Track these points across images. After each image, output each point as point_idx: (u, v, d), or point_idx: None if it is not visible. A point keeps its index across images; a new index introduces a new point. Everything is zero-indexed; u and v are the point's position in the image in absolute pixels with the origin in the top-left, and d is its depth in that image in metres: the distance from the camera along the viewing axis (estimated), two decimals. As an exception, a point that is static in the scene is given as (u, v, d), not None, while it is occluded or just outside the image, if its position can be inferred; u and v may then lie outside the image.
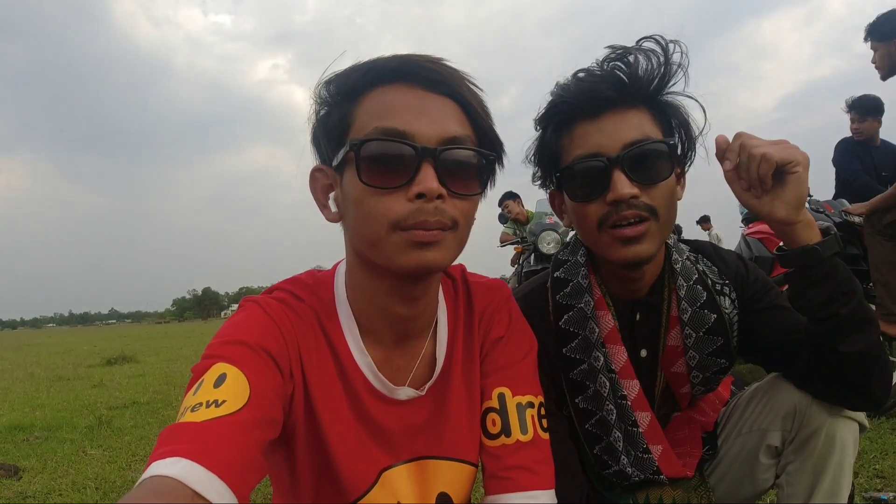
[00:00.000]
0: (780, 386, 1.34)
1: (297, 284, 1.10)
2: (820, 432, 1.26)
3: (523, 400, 1.14)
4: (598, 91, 1.21)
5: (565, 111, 1.25)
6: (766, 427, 1.35)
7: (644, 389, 1.38)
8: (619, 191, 1.17)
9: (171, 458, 0.72)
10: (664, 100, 1.26)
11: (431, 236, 0.93)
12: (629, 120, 1.21)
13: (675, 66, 1.22)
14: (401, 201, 0.92)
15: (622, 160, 1.18)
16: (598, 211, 1.23)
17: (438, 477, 1.12)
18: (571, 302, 1.38)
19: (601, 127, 1.21)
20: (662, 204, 1.21)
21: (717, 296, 1.35)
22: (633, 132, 1.20)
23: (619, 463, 1.37)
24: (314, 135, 1.06)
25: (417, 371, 1.13)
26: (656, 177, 1.20)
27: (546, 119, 1.31)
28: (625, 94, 1.21)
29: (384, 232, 0.93)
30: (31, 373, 10.44)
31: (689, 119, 1.29)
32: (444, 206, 0.94)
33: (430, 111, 0.95)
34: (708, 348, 1.34)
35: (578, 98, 1.23)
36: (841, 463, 1.27)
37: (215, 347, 0.92)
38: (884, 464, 2.72)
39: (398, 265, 0.95)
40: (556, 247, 6.00)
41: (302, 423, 1.02)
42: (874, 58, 3.72)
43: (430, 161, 0.93)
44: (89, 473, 3.58)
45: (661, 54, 1.21)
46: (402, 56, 0.98)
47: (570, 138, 1.26)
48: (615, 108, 1.21)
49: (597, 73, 1.24)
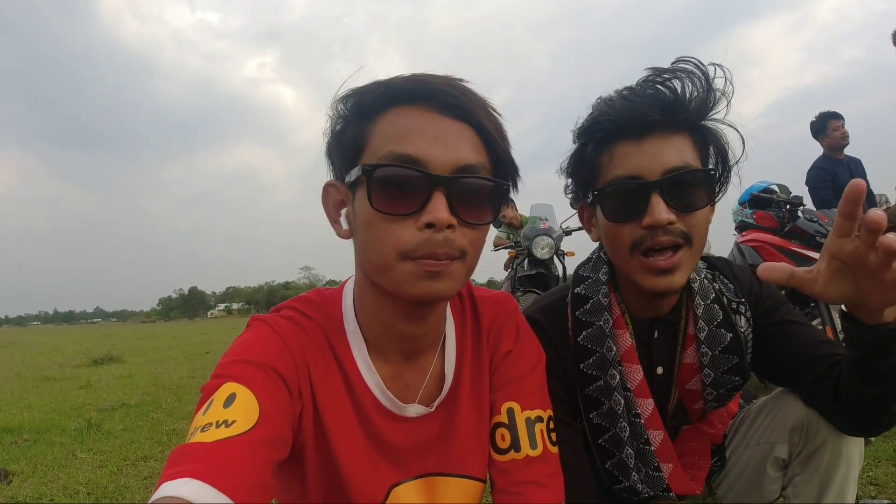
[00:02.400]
0: (788, 400, 1.36)
1: (305, 303, 1.10)
2: (826, 446, 1.28)
3: (532, 414, 1.14)
4: (644, 113, 1.19)
5: (609, 129, 1.24)
6: (774, 440, 1.37)
7: (658, 406, 1.38)
8: (656, 215, 1.17)
9: (182, 480, 0.71)
10: (705, 125, 1.26)
11: (440, 266, 0.93)
12: (672, 145, 1.21)
13: (719, 94, 1.21)
14: (410, 230, 0.92)
15: (662, 185, 1.18)
16: (632, 233, 1.22)
17: (447, 493, 1.12)
18: (591, 319, 1.38)
19: (644, 149, 1.20)
20: (697, 232, 1.22)
21: (732, 314, 1.36)
22: (674, 158, 1.19)
23: (629, 479, 1.38)
24: (328, 149, 1.05)
25: (426, 388, 1.13)
26: (694, 205, 1.20)
27: (587, 134, 1.29)
28: (669, 118, 1.20)
29: (392, 260, 0.93)
30: (18, 372, 10.29)
31: (728, 147, 1.28)
32: (453, 236, 0.93)
33: (444, 137, 0.94)
34: (723, 366, 1.35)
35: (623, 118, 1.21)
36: (846, 476, 1.28)
37: (225, 367, 0.92)
38: (877, 471, 2.74)
39: (406, 294, 0.95)
40: (549, 251, 6.00)
41: (311, 441, 1.02)
42: None
43: (443, 190, 0.92)
44: (80, 478, 3.53)
45: (702, 78, 1.20)
46: (420, 77, 0.97)
47: (609, 157, 1.25)
48: (659, 130, 1.21)
49: (643, 94, 1.22)
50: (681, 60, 1.22)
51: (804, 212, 4.27)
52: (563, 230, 6.24)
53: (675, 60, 1.22)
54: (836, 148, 5.28)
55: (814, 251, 4.04)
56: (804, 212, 4.27)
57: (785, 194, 4.33)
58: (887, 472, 2.72)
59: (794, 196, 4.36)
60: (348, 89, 1.01)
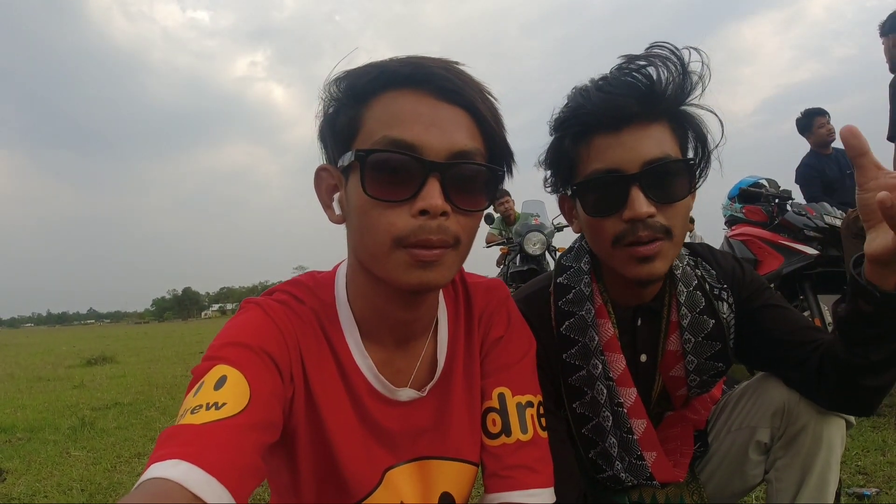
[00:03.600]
0: (769, 384, 1.37)
1: (297, 286, 1.10)
2: (807, 429, 1.29)
3: (523, 399, 1.15)
4: (621, 105, 1.17)
5: (586, 122, 1.21)
6: (756, 424, 1.38)
7: (641, 393, 1.38)
8: (636, 209, 1.16)
9: (171, 461, 0.71)
10: (684, 111, 1.23)
11: (433, 255, 0.92)
12: (650, 135, 1.18)
13: (696, 78, 1.19)
14: (404, 216, 0.91)
15: (641, 178, 1.17)
16: (613, 227, 1.21)
17: (441, 477, 1.13)
18: (573, 309, 1.37)
19: (622, 141, 1.18)
20: (678, 223, 1.20)
21: (715, 301, 1.36)
22: (653, 149, 1.17)
23: (613, 468, 1.38)
24: (321, 133, 1.04)
25: (418, 372, 1.13)
26: (674, 196, 1.19)
27: (564, 127, 1.26)
28: (647, 108, 1.17)
29: (387, 248, 0.92)
30: (11, 373, 10.26)
31: (707, 132, 1.26)
32: (447, 223, 0.92)
33: (440, 122, 0.92)
34: (706, 353, 1.35)
35: (601, 110, 1.18)
36: (828, 459, 1.29)
37: (216, 349, 0.92)
38: (865, 460, 2.77)
39: (399, 283, 0.95)
40: (541, 247, 6.03)
41: (304, 425, 1.02)
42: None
43: (437, 176, 0.91)
44: (74, 475, 3.54)
45: (677, 63, 1.17)
46: (416, 61, 0.95)
47: (587, 150, 1.22)
48: (636, 121, 1.18)
49: (619, 84, 1.19)
50: (655, 46, 1.20)
51: (793, 205, 4.30)
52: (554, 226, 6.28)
53: (648, 46, 1.21)
54: (822, 144, 5.32)
55: (803, 244, 4.08)
56: (793, 205, 4.30)
57: (774, 189, 4.37)
58: (875, 462, 2.75)
59: (783, 190, 4.39)
60: (341, 71, 0.99)
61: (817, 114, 5.35)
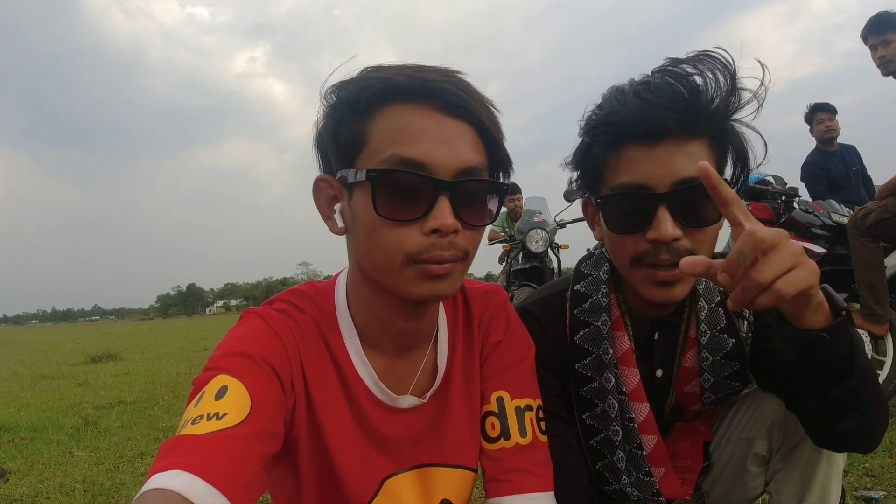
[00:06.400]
0: (766, 396, 1.35)
1: (297, 296, 1.10)
2: (806, 441, 1.25)
3: (522, 403, 1.15)
4: (659, 117, 1.08)
5: (619, 131, 1.13)
6: (753, 436, 1.36)
7: (655, 407, 1.34)
8: (661, 231, 1.09)
9: (173, 471, 0.72)
10: (727, 127, 1.15)
11: (445, 270, 0.94)
12: (686, 152, 1.09)
13: (749, 96, 1.11)
14: (415, 235, 0.91)
15: (670, 198, 1.09)
16: (635, 246, 1.15)
17: (441, 484, 1.12)
18: (589, 319, 1.31)
19: (655, 156, 1.10)
20: (704, 249, 1.13)
21: (736, 319, 1.30)
22: (687, 167, 1.08)
23: (619, 482, 1.34)
24: (320, 142, 1.03)
25: (419, 380, 1.13)
26: (703, 220, 1.11)
27: (595, 133, 1.18)
28: (687, 124, 1.08)
29: (398, 264, 0.93)
30: (15, 371, 10.29)
31: (749, 150, 1.18)
32: (457, 239, 0.94)
33: (447, 138, 0.92)
34: (723, 372, 1.29)
35: (637, 120, 1.10)
36: (829, 472, 1.26)
37: (217, 359, 0.92)
38: (873, 462, 2.75)
39: (409, 295, 0.96)
40: (544, 245, 6.03)
41: (305, 434, 1.02)
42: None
43: (447, 195, 0.91)
44: (77, 475, 3.54)
45: (727, 75, 1.08)
46: (420, 74, 0.94)
47: (617, 159, 1.15)
48: (674, 136, 1.09)
49: (660, 93, 1.09)
50: (705, 52, 1.10)
51: (800, 203, 4.26)
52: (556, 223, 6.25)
53: (700, 52, 1.11)
54: (823, 141, 5.28)
55: (810, 242, 4.04)
56: (800, 203, 4.26)
57: (780, 186, 4.33)
58: (883, 464, 2.73)
59: (790, 187, 4.35)
60: (340, 81, 0.98)
61: (819, 109, 5.32)
